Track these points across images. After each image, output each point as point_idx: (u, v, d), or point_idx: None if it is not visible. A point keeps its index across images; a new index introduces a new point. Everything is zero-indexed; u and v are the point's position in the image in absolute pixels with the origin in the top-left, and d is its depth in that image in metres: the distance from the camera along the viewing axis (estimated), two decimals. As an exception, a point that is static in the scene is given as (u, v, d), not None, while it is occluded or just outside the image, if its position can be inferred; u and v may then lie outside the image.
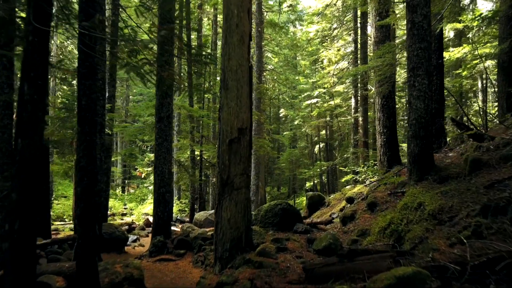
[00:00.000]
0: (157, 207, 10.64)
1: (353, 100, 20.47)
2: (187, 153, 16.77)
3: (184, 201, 22.08)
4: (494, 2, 19.28)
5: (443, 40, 11.58)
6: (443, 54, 11.33)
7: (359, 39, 19.26)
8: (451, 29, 17.39)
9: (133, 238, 14.42)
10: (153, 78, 7.88)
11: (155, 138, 10.68)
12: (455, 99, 14.24)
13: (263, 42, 22.59)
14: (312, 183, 27.42)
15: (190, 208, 16.41)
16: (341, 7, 20.04)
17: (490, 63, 16.66)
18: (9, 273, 4.13)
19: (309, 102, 24.96)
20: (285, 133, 30.72)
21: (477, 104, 21.58)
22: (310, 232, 8.37)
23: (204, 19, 23.55)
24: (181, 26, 17.95)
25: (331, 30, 21.28)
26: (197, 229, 11.46)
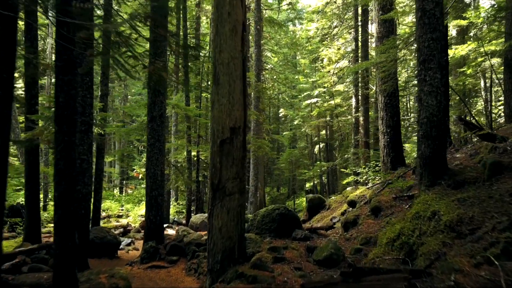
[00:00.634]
0: (149, 211, 9.99)
1: (353, 99, 19.82)
2: (184, 154, 16.12)
3: (181, 202, 21.43)
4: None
5: (447, 37, 10.91)
6: (447, 51, 10.67)
7: (359, 37, 18.60)
8: (454, 27, 16.73)
9: (127, 241, 13.77)
10: (139, 73, 7.25)
11: (147, 138, 10.04)
12: (460, 98, 13.58)
13: (262, 40, 21.93)
14: (312, 184, 26.76)
15: (186, 210, 15.75)
16: (342, 4, 19.38)
17: (495, 61, 16.00)
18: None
19: (309, 101, 24.30)
20: (284, 133, 30.06)
21: (480, 103, 20.93)
22: (310, 239, 7.71)
23: (202, 17, 22.89)
24: (178, 24, 17.33)
25: (331, 28, 20.62)
26: (192, 233, 10.82)
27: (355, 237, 7.38)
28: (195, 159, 15.60)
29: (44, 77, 19.68)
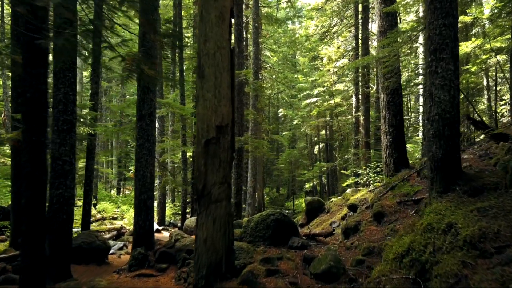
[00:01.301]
0: (138, 215, 9.30)
1: (354, 98, 19.11)
2: (180, 154, 15.43)
3: (178, 203, 20.75)
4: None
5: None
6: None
7: (360, 35, 17.89)
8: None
9: (119, 245, 13.07)
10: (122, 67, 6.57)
11: (136, 138, 9.36)
12: (465, 96, 12.88)
13: (260, 39, 21.25)
14: (311, 185, 26.05)
15: (181, 212, 15.05)
16: (342, 1, 18.69)
17: (500, 58, 15.27)
18: None
19: (308, 101, 23.59)
20: (284, 133, 29.36)
21: (482, 102, 20.20)
22: (307, 247, 7.01)
23: (199, 15, 22.18)
24: (175, 22, 16.65)
25: (331, 26, 19.92)
26: (186, 237, 10.14)
27: (356, 245, 6.68)
28: (191, 160, 14.91)
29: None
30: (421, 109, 22.03)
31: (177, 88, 17.26)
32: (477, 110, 18.57)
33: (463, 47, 12.79)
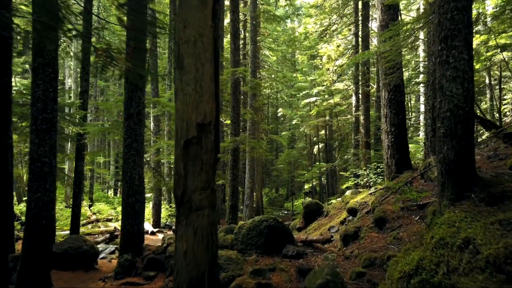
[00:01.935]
0: (125, 219, 8.68)
1: (354, 97, 18.47)
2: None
3: (174, 205, 20.11)
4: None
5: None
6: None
7: (360, 33, 17.26)
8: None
9: (111, 249, 12.47)
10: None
11: (123, 138, 8.74)
12: (469, 95, 12.21)
13: (258, 37, 20.62)
14: (311, 185, 25.40)
15: (176, 215, 14.40)
16: (341, -2, 18.07)
17: (506, 55, 14.62)
18: None
19: (307, 100, 22.93)
20: (283, 133, 28.72)
21: (485, 101, 19.55)
22: (303, 255, 6.39)
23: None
24: (171, 20, 16.07)
25: (331, 25, 19.27)
26: (177, 242, 9.50)
27: (356, 255, 6.05)
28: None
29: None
30: (421, 108, 21.42)
31: (173, 86, 16.66)
32: (481, 109, 17.92)
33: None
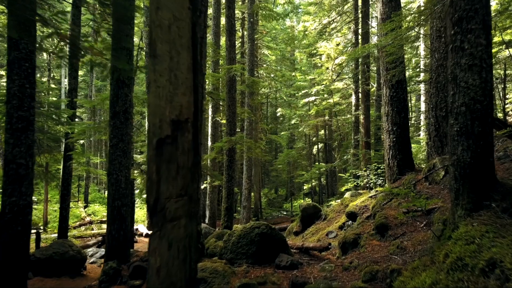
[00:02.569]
0: (110, 224, 8.06)
1: (353, 96, 17.82)
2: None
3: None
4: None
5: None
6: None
7: (360, 30, 16.62)
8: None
9: (101, 253, 11.88)
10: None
11: (109, 138, 8.13)
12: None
13: (256, 35, 20.00)
14: (310, 186, 24.75)
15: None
16: (341, -5, 17.44)
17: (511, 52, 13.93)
18: None
19: (306, 100, 22.30)
20: (282, 133, 28.09)
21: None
22: (298, 266, 5.77)
23: (194, 12, 20.97)
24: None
25: (330, 23, 18.64)
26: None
27: (356, 265, 5.42)
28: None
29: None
30: (422, 108, 20.77)
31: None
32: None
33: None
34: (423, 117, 20.30)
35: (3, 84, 16.06)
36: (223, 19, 18.83)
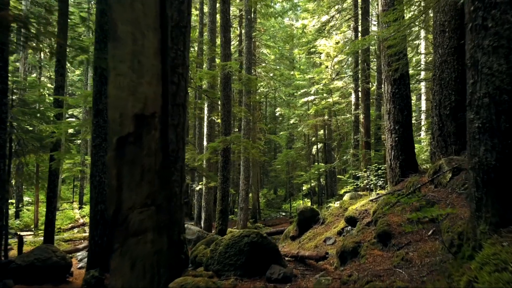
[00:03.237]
0: (93, 229, 7.47)
1: (353, 95, 17.17)
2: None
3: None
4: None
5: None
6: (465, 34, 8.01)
7: (359, 27, 15.97)
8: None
9: (91, 257, 11.19)
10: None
11: (92, 137, 7.54)
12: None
13: (254, 32, 19.37)
14: (309, 186, 24.09)
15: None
16: (340, -9, 16.79)
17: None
18: None
19: (305, 99, 21.66)
20: (281, 133, 27.44)
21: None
22: (291, 279, 5.14)
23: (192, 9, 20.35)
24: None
25: (329, 20, 17.98)
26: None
27: (356, 279, 4.78)
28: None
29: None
30: (423, 107, 20.10)
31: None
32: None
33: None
34: (423, 116, 19.64)
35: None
36: (217, 16, 18.20)
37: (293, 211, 23.17)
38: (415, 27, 13.77)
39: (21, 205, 17.15)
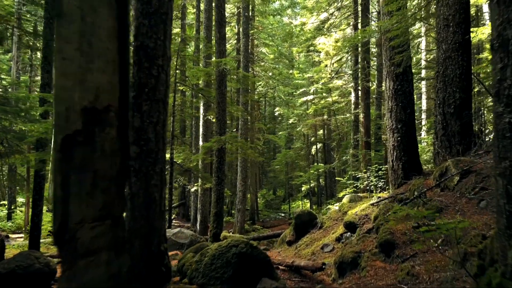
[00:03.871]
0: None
1: (353, 94, 16.59)
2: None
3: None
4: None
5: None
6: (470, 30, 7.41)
7: (359, 25, 15.39)
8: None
9: (81, 262, 10.60)
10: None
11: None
12: (484, 87, 10.39)
13: (252, 30, 18.79)
14: (308, 187, 23.50)
15: (168, 218, 12.60)
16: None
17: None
18: None
19: (304, 99, 21.07)
20: (280, 133, 26.86)
21: (490, 99, 17.60)
22: (284, 294, 4.56)
23: (188, 7, 19.82)
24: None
25: (328, 18, 17.40)
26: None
27: (356, 296, 4.21)
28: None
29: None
30: (423, 106, 19.51)
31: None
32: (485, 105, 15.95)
33: (478, 33, 10.33)
34: (424, 116, 19.05)
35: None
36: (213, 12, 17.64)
37: (292, 212, 22.59)
38: (417, 23, 13.19)
39: (13, 207, 16.60)
